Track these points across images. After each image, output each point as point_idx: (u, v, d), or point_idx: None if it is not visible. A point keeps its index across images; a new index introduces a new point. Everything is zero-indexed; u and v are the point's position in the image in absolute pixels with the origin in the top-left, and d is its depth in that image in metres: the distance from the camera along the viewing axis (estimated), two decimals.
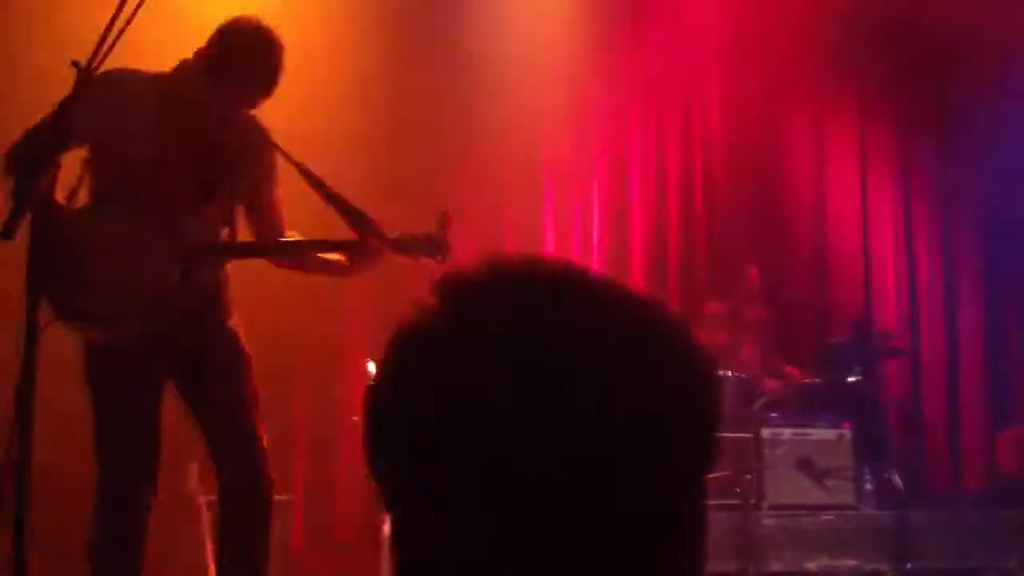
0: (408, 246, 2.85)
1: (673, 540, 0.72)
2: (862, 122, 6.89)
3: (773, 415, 5.36)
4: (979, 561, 4.89)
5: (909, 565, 4.84)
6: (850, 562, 4.87)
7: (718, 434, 0.76)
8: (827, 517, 4.98)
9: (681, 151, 6.76)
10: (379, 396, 0.73)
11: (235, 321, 2.74)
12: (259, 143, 2.81)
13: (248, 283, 2.97)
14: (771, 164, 6.82)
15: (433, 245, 2.84)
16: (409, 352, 0.72)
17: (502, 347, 0.68)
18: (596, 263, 6.52)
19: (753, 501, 4.91)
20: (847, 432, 5.17)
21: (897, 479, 5.36)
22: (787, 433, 5.14)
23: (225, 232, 2.75)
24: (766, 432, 5.10)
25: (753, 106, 6.79)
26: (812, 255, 6.76)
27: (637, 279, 6.57)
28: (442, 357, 0.70)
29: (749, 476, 4.91)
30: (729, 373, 5.70)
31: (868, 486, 5.19)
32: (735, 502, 4.84)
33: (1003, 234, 6.67)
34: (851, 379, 5.54)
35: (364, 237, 2.74)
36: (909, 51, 6.67)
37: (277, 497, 2.81)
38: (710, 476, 0.75)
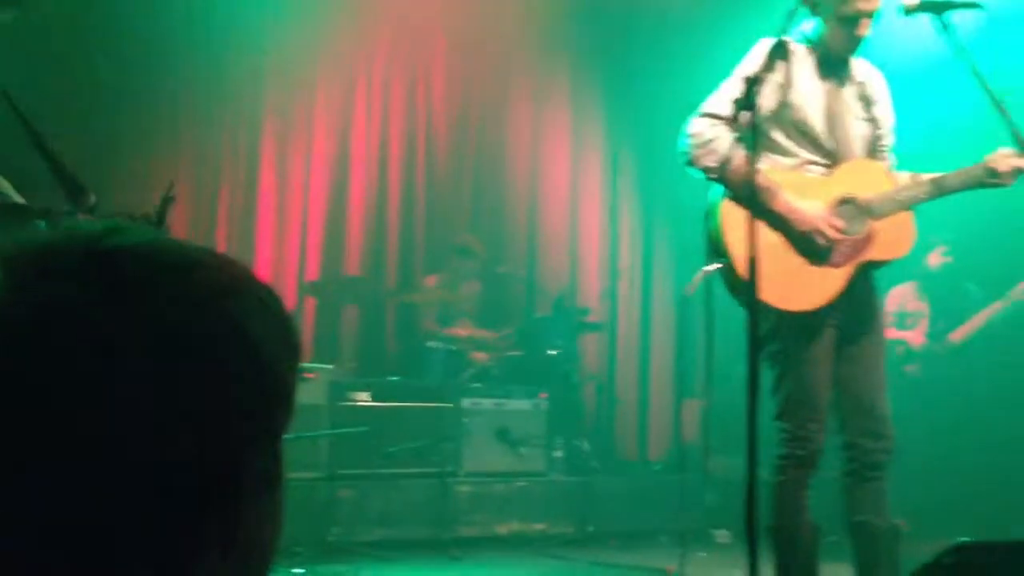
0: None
1: (228, 502, 0.70)
2: (575, 105, 7.19)
3: (476, 385, 5.52)
4: (655, 523, 5.29)
5: (592, 528, 5.15)
6: (538, 526, 5.12)
7: (287, 382, 0.74)
8: (519, 484, 5.20)
9: (403, 126, 6.77)
10: None
11: None
12: None
13: None
14: (492, 141, 6.97)
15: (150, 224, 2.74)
16: None
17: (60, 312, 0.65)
18: (313, 233, 6.41)
19: (451, 469, 5.03)
20: (543, 403, 5.41)
21: (586, 446, 5.70)
22: (487, 403, 5.30)
23: None
24: (467, 402, 5.24)
25: (477, 84, 6.92)
26: (526, 232, 6.99)
27: (355, 249, 6.53)
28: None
29: (448, 444, 5.03)
30: (439, 345, 5.80)
31: (559, 454, 5.46)
32: (433, 470, 4.95)
33: (694, 217, 7.18)
34: (551, 352, 5.80)
35: (78, 210, 2.56)
36: (620, 41, 6.99)
37: None
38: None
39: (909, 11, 2.79)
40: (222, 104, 6.11)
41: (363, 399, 5.00)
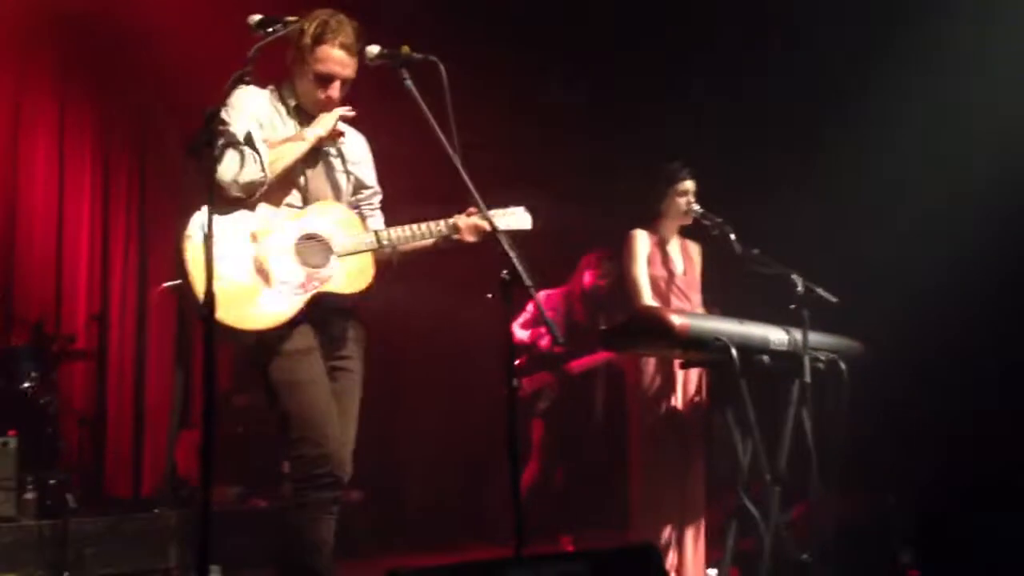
0: None
1: None
2: (61, 114, 6.60)
3: None
4: (139, 565, 5.01)
5: (67, 574, 4.78)
6: None
7: None
8: None
9: None
10: None
11: None
12: None
13: None
14: None
15: None
16: None
17: None
18: None
19: None
20: (12, 440, 4.93)
21: (71, 493, 5.21)
22: None
23: None
24: None
25: None
26: (1, 252, 6.27)
27: None
28: None
29: None
30: None
31: (31, 496, 5.00)
32: None
33: None
34: (25, 385, 5.29)
35: None
36: (104, 44, 6.53)
37: None
38: None
39: (371, 60, 2.98)
40: None
41: None
